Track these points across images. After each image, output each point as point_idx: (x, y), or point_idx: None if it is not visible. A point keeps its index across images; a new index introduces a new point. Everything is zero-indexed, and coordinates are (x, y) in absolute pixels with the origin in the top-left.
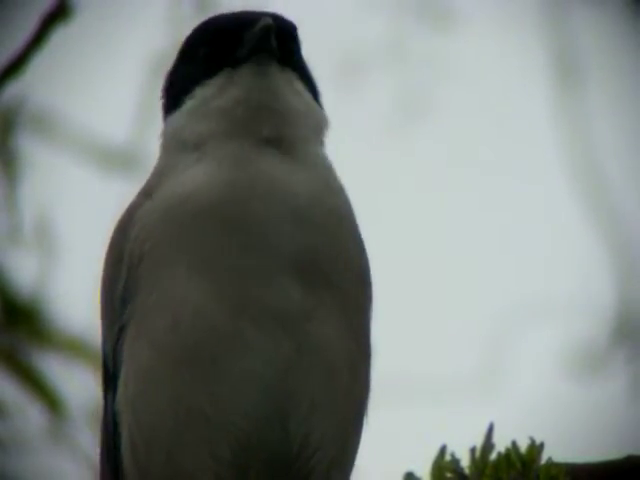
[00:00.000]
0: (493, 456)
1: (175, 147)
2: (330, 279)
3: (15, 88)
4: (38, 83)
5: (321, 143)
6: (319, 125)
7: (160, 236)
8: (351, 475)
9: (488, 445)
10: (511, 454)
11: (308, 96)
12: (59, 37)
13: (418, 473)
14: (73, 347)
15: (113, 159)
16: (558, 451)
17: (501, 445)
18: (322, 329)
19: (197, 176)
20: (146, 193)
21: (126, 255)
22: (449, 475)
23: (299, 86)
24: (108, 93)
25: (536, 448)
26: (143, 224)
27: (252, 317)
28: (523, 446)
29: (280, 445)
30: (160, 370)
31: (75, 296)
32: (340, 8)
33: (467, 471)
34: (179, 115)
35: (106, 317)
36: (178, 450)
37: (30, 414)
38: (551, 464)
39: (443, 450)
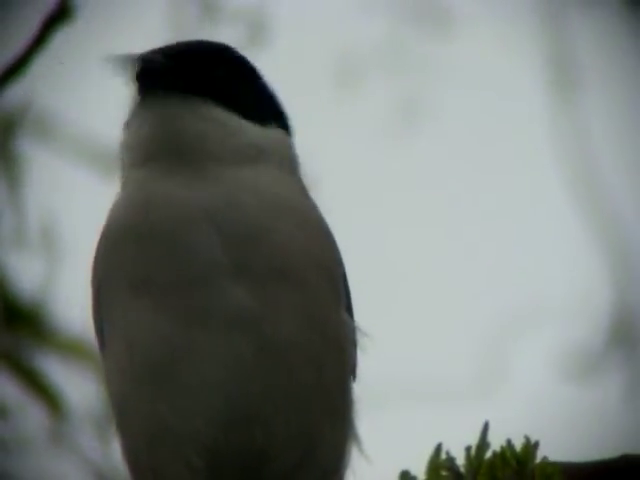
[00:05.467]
0: (488, 455)
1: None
2: (279, 276)
3: (17, 90)
4: (40, 85)
5: (249, 159)
6: (237, 143)
7: (104, 264)
8: (335, 474)
9: (483, 444)
10: (506, 453)
11: (223, 117)
12: (60, 39)
13: (414, 472)
14: (74, 349)
15: (115, 161)
16: (553, 450)
17: (497, 444)
18: (279, 327)
19: (116, 204)
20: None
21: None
22: (445, 473)
23: (209, 111)
24: (110, 95)
25: (531, 447)
26: (96, 253)
27: (201, 325)
28: (518, 445)
29: (247, 449)
30: (127, 392)
31: (77, 298)
32: (339, 10)
33: (462, 469)
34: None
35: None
36: (158, 466)
37: (31, 415)
38: (546, 463)
39: (439, 448)
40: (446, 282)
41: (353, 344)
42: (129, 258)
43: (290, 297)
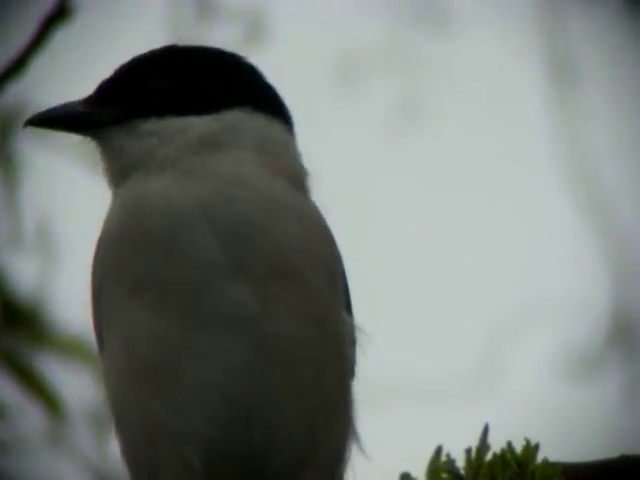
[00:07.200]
0: (489, 457)
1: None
2: (279, 274)
3: (15, 89)
4: (38, 84)
5: (210, 147)
6: (195, 137)
7: (102, 265)
8: (335, 472)
9: (484, 446)
10: (507, 455)
11: (161, 125)
12: (59, 38)
13: (414, 474)
14: (72, 348)
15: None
16: (553, 451)
17: (497, 446)
18: (278, 325)
19: (111, 210)
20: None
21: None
22: (445, 476)
23: (145, 126)
24: None
25: (531, 449)
26: (96, 256)
27: (199, 324)
28: (519, 447)
29: (247, 447)
30: (125, 391)
31: (75, 297)
32: (339, 9)
33: (463, 472)
34: None
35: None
36: (156, 465)
37: (29, 415)
38: (547, 464)
39: (439, 451)
40: (445, 281)
41: (352, 342)
42: (127, 259)
43: (289, 295)
